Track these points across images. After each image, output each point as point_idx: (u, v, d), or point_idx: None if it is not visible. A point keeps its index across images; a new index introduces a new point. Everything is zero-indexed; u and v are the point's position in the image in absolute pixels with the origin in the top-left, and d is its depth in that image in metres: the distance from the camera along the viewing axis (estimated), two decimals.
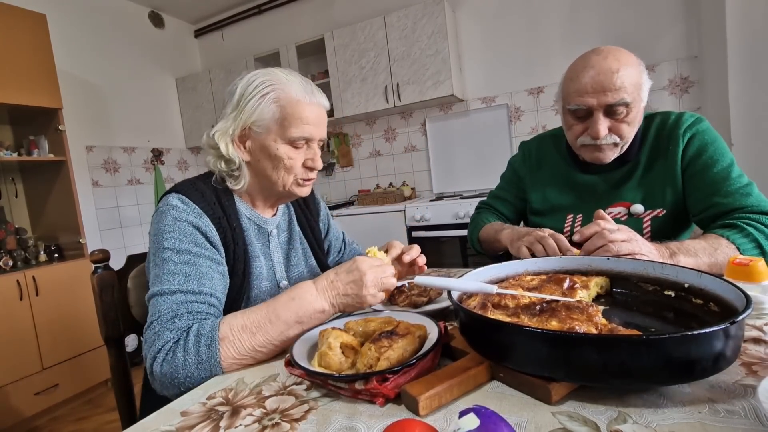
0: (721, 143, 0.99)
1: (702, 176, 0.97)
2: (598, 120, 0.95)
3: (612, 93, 0.92)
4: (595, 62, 0.94)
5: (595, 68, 0.94)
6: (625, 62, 0.93)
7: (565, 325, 0.51)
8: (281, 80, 0.84)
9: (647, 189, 1.04)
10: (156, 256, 0.76)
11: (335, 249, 1.17)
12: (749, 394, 0.44)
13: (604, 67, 0.93)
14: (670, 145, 1.01)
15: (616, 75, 0.91)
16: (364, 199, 3.30)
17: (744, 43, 2.11)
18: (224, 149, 0.85)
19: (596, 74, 0.93)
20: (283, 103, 0.83)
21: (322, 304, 0.70)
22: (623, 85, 0.92)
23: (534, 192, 1.21)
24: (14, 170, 2.70)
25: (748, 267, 0.67)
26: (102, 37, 3.32)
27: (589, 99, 0.95)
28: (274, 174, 0.87)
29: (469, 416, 0.38)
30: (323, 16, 3.56)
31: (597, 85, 0.93)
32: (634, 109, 0.95)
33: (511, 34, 2.97)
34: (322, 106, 0.89)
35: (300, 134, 0.84)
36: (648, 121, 1.07)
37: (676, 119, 1.03)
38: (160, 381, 0.66)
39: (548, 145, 1.22)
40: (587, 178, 1.11)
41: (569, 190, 1.15)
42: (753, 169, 2.11)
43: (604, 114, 0.96)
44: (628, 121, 0.96)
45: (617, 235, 0.78)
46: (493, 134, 3.10)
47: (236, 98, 0.86)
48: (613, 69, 0.92)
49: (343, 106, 3.22)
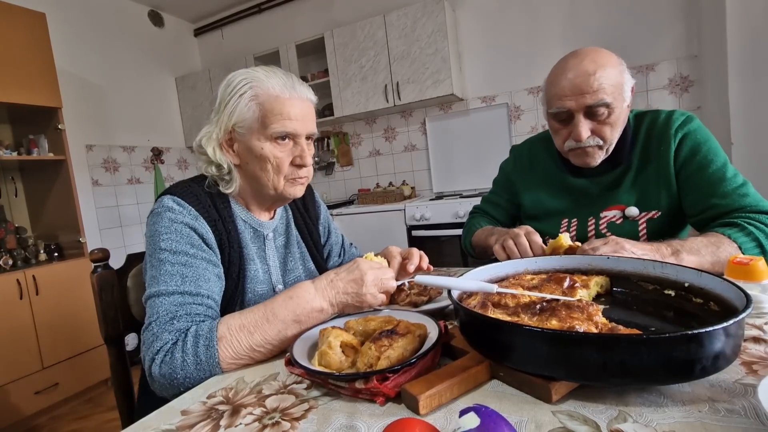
0: (713, 142, 0.98)
1: (697, 178, 0.97)
2: (579, 122, 0.96)
3: (590, 95, 0.92)
4: (572, 65, 0.95)
5: (572, 71, 0.94)
6: (603, 63, 0.93)
7: (566, 324, 0.51)
8: (259, 78, 0.82)
9: (641, 191, 1.03)
10: (152, 257, 0.76)
11: (335, 254, 1.16)
12: (749, 393, 0.44)
13: (581, 69, 0.93)
14: (662, 146, 1.01)
15: (593, 77, 0.92)
16: (364, 198, 3.30)
17: (744, 43, 2.11)
18: (212, 154, 0.84)
19: (574, 77, 0.93)
20: (262, 101, 0.81)
21: (320, 303, 0.70)
22: (601, 86, 0.92)
23: (527, 196, 1.21)
24: (14, 169, 2.70)
25: (748, 266, 0.67)
26: (102, 36, 3.32)
27: (567, 102, 0.95)
28: (263, 176, 0.85)
29: (469, 415, 0.38)
30: (323, 15, 3.56)
31: (575, 88, 0.93)
32: (615, 109, 0.94)
33: (511, 33, 2.96)
34: (306, 99, 0.86)
35: (282, 129, 0.82)
36: (638, 121, 1.06)
37: (666, 119, 1.02)
38: (159, 382, 0.65)
39: (539, 148, 1.21)
40: (579, 181, 1.10)
41: (562, 194, 1.14)
42: (753, 169, 2.11)
43: (584, 116, 0.95)
44: (611, 122, 0.96)
45: (604, 249, 0.79)
46: (493, 133, 3.10)
47: (218, 101, 0.85)
48: (590, 71, 0.92)
49: (343, 105, 3.22)
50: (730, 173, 0.94)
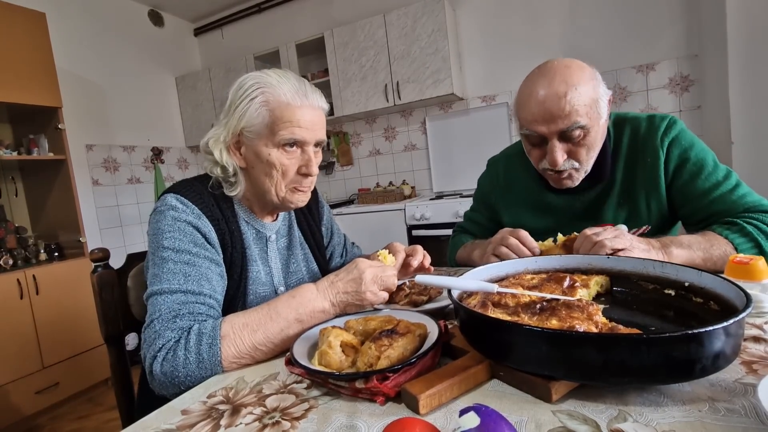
0: (698, 143, 0.96)
1: (692, 186, 0.94)
2: (554, 148, 0.90)
3: (562, 119, 0.86)
4: (541, 86, 0.88)
5: (542, 93, 0.87)
6: (575, 82, 0.86)
7: (565, 323, 0.51)
8: (271, 83, 0.81)
9: (630, 208, 1.00)
10: (155, 255, 0.76)
11: (338, 254, 1.16)
12: (749, 393, 0.44)
13: (551, 92, 0.86)
14: (649, 157, 0.97)
15: (564, 100, 0.85)
16: (364, 197, 3.30)
17: (744, 42, 2.11)
18: (218, 156, 0.83)
19: (543, 101, 0.87)
20: (272, 107, 0.80)
21: (322, 303, 0.71)
22: (574, 108, 0.85)
23: (507, 216, 1.16)
24: (14, 169, 2.70)
25: (748, 265, 0.67)
26: (101, 35, 3.32)
27: (539, 127, 0.89)
28: (267, 181, 0.84)
29: (469, 415, 0.38)
30: (323, 15, 3.56)
31: (546, 114, 0.87)
32: (591, 130, 0.89)
33: (511, 33, 2.96)
34: (317, 108, 0.85)
35: (290, 137, 0.81)
36: (618, 130, 1.02)
37: (648, 127, 0.98)
38: (159, 380, 0.65)
39: (515, 165, 1.15)
40: (560, 199, 1.05)
41: (544, 212, 1.09)
42: (753, 168, 2.11)
43: (559, 140, 0.90)
44: (587, 144, 0.90)
45: (605, 234, 0.78)
46: (493, 133, 3.10)
47: (228, 103, 0.84)
48: (560, 93, 0.85)
49: (343, 104, 3.22)
50: (721, 175, 0.93)
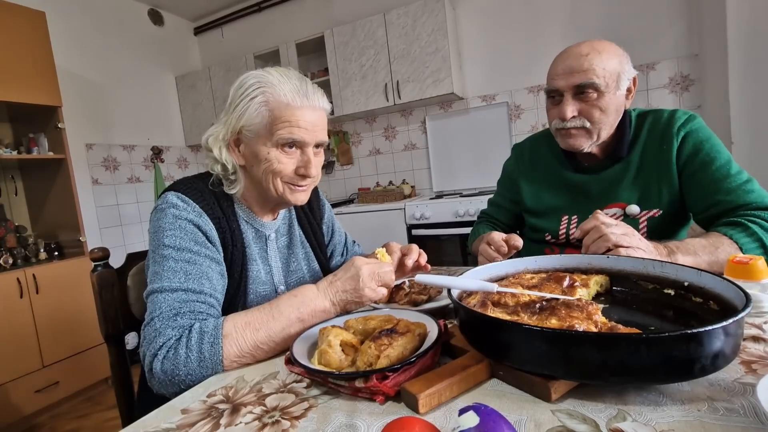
0: (716, 140, 0.98)
1: (701, 175, 0.96)
2: (566, 101, 0.98)
3: (579, 74, 0.95)
4: (570, 49, 0.99)
5: (568, 53, 0.98)
6: (601, 49, 0.95)
7: (565, 323, 0.51)
8: (272, 82, 0.80)
9: (642, 189, 1.03)
10: (156, 253, 0.76)
11: (338, 253, 1.16)
12: (748, 393, 0.44)
13: (575, 51, 0.97)
14: (665, 144, 1.00)
15: (585, 58, 0.94)
16: (364, 197, 3.30)
17: (745, 42, 2.11)
18: (218, 154, 0.84)
19: (567, 58, 0.98)
20: (272, 107, 0.80)
21: (323, 303, 0.71)
22: (591, 67, 0.94)
23: (528, 192, 1.21)
24: (14, 168, 2.70)
25: (748, 265, 0.67)
26: (101, 34, 3.31)
27: (558, 81, 0.98)
28: (264, 180, 0.84)
29: (468, 414, 0.38)
30: (323, 14, 3.55)
31: (566, 68, 0.97)
32: (606, 94, 0.95)
33: (511, 32, 2.96)
34: (318, 108, 0.84)
35: (288, 137, 0.80)
36: (640, 119, 1.07)
37: (668, 117, 1.02)
38: (159, 379, 0.65)
39: (541, 145, 1.21)
40: (579, 177, 1.10)
41: (563, 190, 1.14)
42: (753, 168, 2.09)
43: (573, 96, 0.98)
44: (601, 106, 0.96)
45: (614, 229, 0.79)
46: (493, 132, 3.09)
47: (228, 101, 0.84)
48: (583, 53, 0.95)
49: (343, 104, 3.22)
50: (734, 170, 0.94)
